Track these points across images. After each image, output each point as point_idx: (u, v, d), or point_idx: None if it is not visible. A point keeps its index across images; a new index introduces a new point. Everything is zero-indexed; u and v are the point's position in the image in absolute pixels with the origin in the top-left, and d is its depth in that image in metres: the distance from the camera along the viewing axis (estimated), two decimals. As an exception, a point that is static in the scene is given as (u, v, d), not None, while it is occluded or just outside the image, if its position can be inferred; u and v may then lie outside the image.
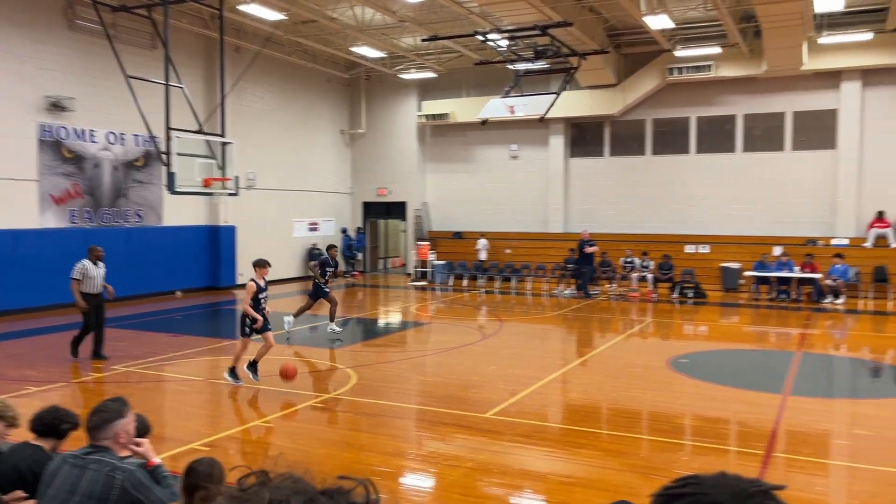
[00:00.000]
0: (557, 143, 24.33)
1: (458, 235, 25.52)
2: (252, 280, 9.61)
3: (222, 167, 13.96)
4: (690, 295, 20.06)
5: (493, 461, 6.94)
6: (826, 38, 19.16)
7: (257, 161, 22.08)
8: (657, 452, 7.37)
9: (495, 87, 22.53)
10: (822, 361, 12.40)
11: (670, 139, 23.09)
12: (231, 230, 21.42)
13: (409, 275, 25.57)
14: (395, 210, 26.92)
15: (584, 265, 20.46)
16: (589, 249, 20.31)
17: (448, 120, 25.13)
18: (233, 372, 9.58)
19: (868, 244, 20.11)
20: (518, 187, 25.14)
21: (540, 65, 19.24)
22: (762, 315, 17.55)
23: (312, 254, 24.17)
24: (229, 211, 21.28)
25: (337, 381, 10.30)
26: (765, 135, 21.88)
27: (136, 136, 18.28)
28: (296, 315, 13.82)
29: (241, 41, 20.85)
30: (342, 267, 24.16)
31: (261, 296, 9.61)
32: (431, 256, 24.42)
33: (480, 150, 25.77)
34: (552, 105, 19.81)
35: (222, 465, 3.69)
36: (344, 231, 26.41)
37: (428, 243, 24.81)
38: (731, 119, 22.25)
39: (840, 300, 18.74)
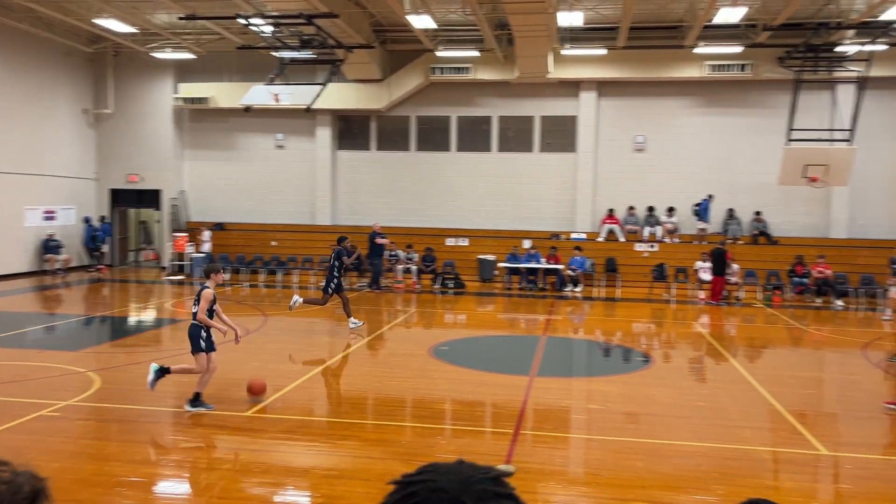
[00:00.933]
0: (324, 134, 24.18)
1: (219, 227, 24.34)
2: (208, 288, 8.28)
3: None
4: (451, 285, 21.08)
5: (255, 460, 6.71)
6: (568, 51, 21.11)
7: (-22, 139, 19.21)
8: (419, 438, 7.62)
9: (259, 74, 21.77)
10: (564, 344, 13.68)
11: (433, 136, 24.00)
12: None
13: (164, 268, 23.89)
14: (149, 198, 24.98)
15: (375, 258, 20.47)
16: (380, 241, 20.36)
17: (208, 104, 23.83)
18: (197, 399, 8.17)
19: (601, 238, 22.55)
20: (284, 178, 24.60)
21: (306, 54, 18.96)
22: (514, 303, 18.95)
23: (48, 245, 21.64)
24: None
25: (76, 386, 9.30)
26: (517, 136, 23.59)
27: None
28: (315, 303, 14.18)
29: (-44, -1, 18.00)
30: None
31: (215, 307, 8.35)
32: (189, 249, 23.02)
33: (244, 138, 24.81)
34: (318, 96, 19.63)
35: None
36: (87, 220, 23.93)
37: (185, 234, 23.34)
38: (487, 120, 23.68)
39: (579, 288, 20.81)
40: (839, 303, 18.88)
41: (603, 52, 21.09)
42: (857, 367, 11.73)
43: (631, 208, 22.74)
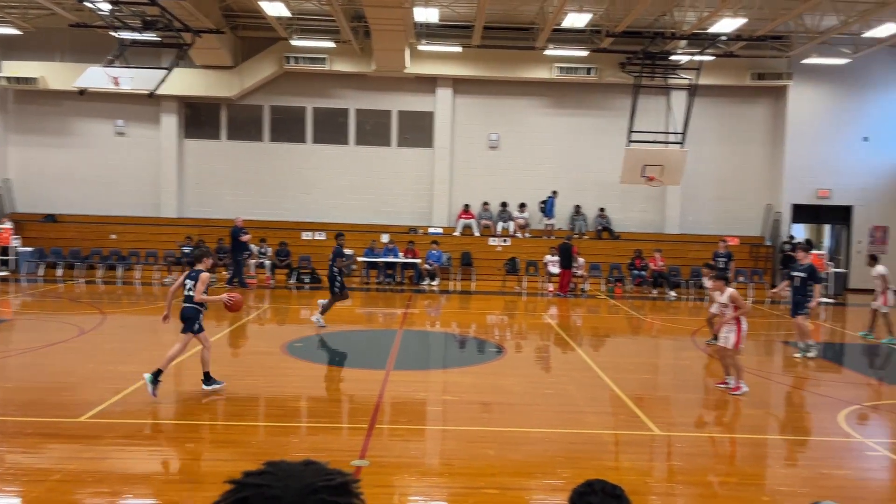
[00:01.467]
0: (170, 122, 22.91)
1: (50, 218, 22.44)
2: (203, 271, 8.69)
3: None
4: (307, 281, 20.66)
5: (89, 469, 6.22)
6: (425, 46, 21.29)
7: None
8: (271, 437, 7.39)
9: (96, 55, 20.21)
10: (420, 337, 13.80)
11: (288, 127, 23.41)
12: None
13: (-13, 264, 21.69)
14: (-33, 187, 22.57)
15: (238, 254, 19.54)
16: (244, 238, 19.44)
17: (37, 86, 21.85)
18: (209, 378, 8.74)
19: (457, 233, 22.98)
20: (125, 167, 23.06)
21: (149, 36, 17.85)
22: (372, 297, 18.89)
23: None
24: None
25: None
26: (374, 130, 23.51)
27: None
28: (322, 313, 13.50)
29: None
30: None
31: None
32: (15, 242, 21.03)
33: (80, 124, 22.99)
34: (163, 81, 18.56)
35: None
36: None
37: (10, 226, 21.30)
38: (344, 112, 23.41)
39: (435, 282, 21.09)
40: (672, 293, 20.37)
41: (458, 49, 21.45)
42: (687, 352, 12.70)
43: (485, 204, 23.33)
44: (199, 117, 23.37)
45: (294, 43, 20.90)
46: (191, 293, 8.63)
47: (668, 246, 22.09)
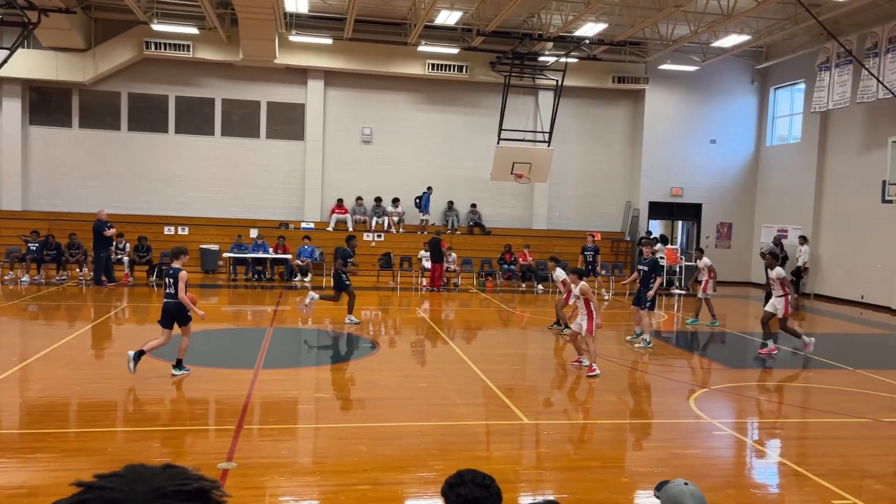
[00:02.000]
0: (13, 106, 21.10)
1: None
2: (181, 270, 9.10)
3: None
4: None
5: (-84, 489, 5.61)
6: (295, 37, 20.82)
7: None
8: (130, 444, 6.97)
9: (-75, 30, 18.31)
10: (292, 335, 13.50)
11: (148, 116, 22.18)
12: None
13: None
14: None
15: (101, 250, 18.15)
16: (108, 233, 18.09)
17: None
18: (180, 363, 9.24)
19: (330, 228, 22.66)
20: (-40, 155, 21.01)
21: (-12, 12, 16.34)
22: (240, 295, 18.27)
23: None
24: None
25: None
26: (242, 121, 22.73)
27: None
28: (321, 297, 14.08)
29: None
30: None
31: None
32: None
33: None
34: (5, 62, 17.06)
35: None
36: None
37: None
38: (210, 102, 22.47)
39: (308, 278, 20.70)
40: (540, 287, 21.08)
41: (329, 41, 21.14)
42: (553, 343, 13.19)
43: (359, 199, 23.16)
44: (47, 103, 21.67)
45: (155, 27, 19.81)
46: (171, 290, 9.13)
47: (536, 241, 22.85)
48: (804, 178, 22.19)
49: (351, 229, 22.70)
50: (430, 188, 23.00)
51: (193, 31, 20.19)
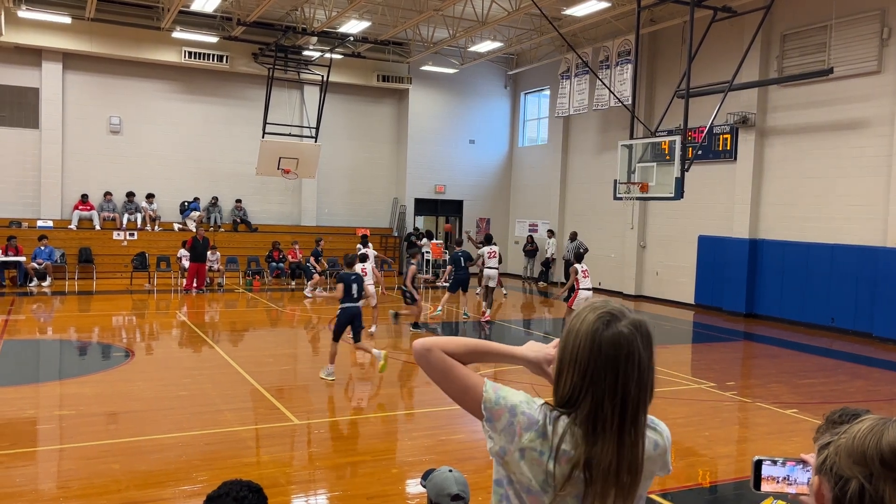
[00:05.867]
0: None
1: None
2: None
3: None
4: None
5: None
6: (26, 13, 18.49)
7: None
8: None
9: None
10: (29, 347, 11.99)
11: None
12: None
13: None
14: None
15: None
16: None
17: None
18: None
19: (73, 226, 20.47)
20: None
21: None
22: (-40, 304, 15.83)
23: None
24: None
25: None
26: (-41, 105, 19.69)
27: None
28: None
29: None
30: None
31: None
32: None
33: None
34: None
35: None
36: None
37: None
38: (-85, 81, 19.18)
39: (46, 283, 18.55)
40: (310, 286, 20.83)
41: (67, 20, 19.08)
42: (325, 340, 13.09)
43: (108, 194, 21.18)
44: None
45: None
46: None
47: (305, 238, 22.56)
48: (551, 176, 24.30)
49: (98, 227, 20.71)
50: (197, 199, 21.96)
51: None
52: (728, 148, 17.96)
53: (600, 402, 1.64)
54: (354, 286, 10.09)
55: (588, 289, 13.33)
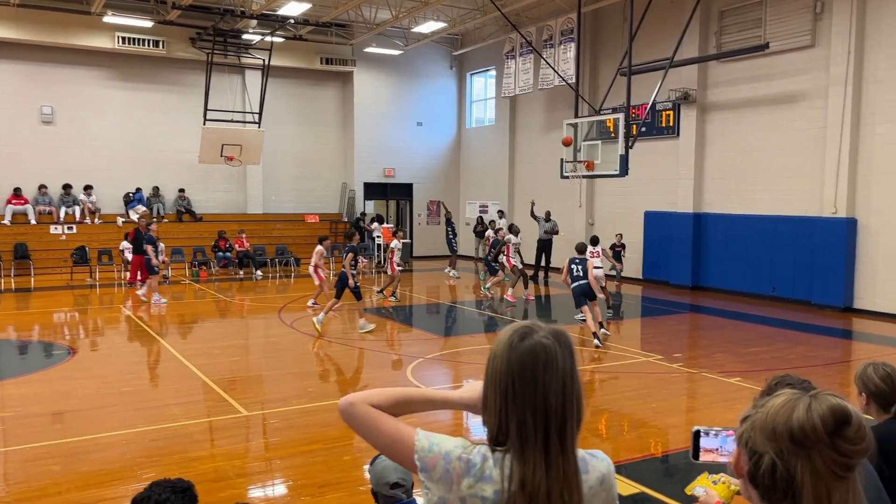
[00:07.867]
0: None
1: None
2: None
3: None
4: None
5: None
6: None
7: None
8: None
9: None
10: (-39, 348, 11.50)
11: None
12: None
13: None
14: None
15: None
16: None
17: None
18: None
19: (6, 221, 19.70)
20: None
21: None
22: None
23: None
24: None
25: None
26: None
27: None
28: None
29: None
30: None
31: None
32: None
33: None
34: None
35: None
36: None
37: None
38: None
39: (-19, 281, 17.84)
40: (259, 273, 20.52)
41: (-7, 6, 18.23)
42: (275, 329, 12.92)
43: (42, 187, 20.44)
44: None
45: None
46: None
47: (252, 226, 22.17)
48: (499, 157, 24.32)
49: (34, 222, 19.98)
50: (139, 189, 21.34)
51: None
52: (671, 124, 18.23)
53: (524, 419, 1.55)
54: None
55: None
